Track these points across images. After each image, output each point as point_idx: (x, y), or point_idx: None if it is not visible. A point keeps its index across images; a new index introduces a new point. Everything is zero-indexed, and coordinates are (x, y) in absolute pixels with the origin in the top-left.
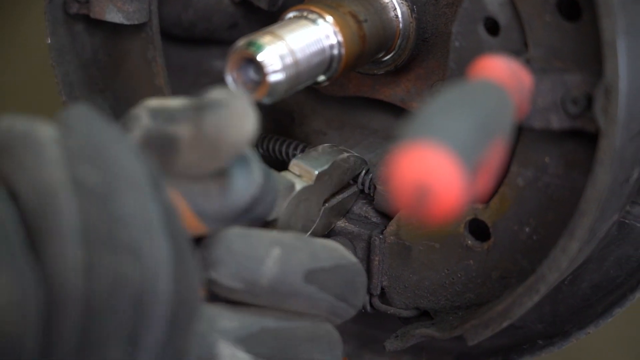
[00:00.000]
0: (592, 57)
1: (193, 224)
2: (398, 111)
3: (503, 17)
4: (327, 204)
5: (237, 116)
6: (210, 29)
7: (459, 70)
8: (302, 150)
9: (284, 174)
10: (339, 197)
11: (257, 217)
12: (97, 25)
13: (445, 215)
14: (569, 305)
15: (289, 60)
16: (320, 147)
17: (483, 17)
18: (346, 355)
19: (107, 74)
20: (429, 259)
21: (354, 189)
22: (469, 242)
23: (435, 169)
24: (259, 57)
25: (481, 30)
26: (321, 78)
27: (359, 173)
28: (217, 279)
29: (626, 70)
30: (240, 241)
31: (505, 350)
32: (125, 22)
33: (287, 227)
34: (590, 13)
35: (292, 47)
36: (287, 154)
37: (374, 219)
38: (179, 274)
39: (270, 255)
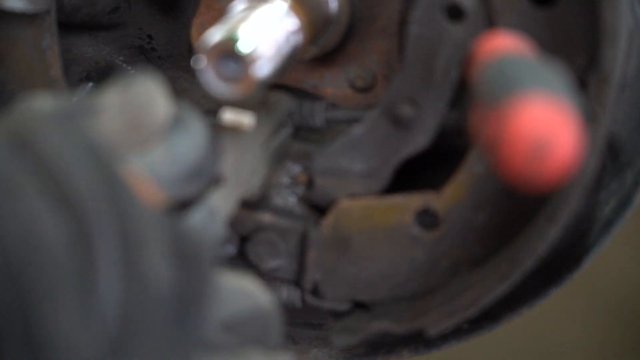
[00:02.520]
0: (567, 44)
1: (156, 195)
2: (297, 96)
3: (469, 2)
4: (268, 148)
5: (162, 92)
6: (93, 14)
7: (416, 58)
8: None
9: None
10: (279, 139)
11: (212, 174)
12: None
13: (562, 171)
14: None
15: (271, 51)
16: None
17: (445, 4)
18: None
19: None
20: (371, 250)
21: (289, 129)
22: (417, 232)
23: (556, 122)
24: (243, 50)
25: (442, 17)
26: None
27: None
28: None
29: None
30: None
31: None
32: (30, 9)
33: (236, 181)
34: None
35: (270, 36)
36: None
37: (299, 212)
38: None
39: None
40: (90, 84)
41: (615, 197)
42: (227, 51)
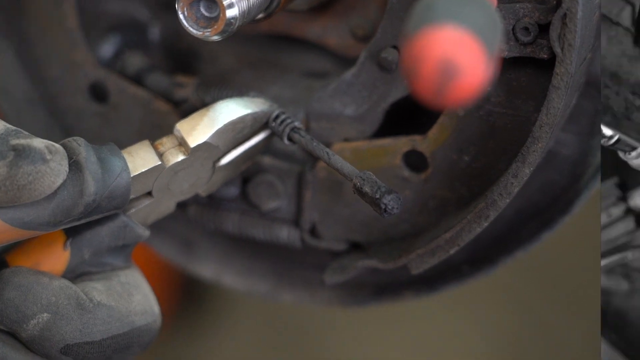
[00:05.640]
0: None
1: (14, 234)
2: (306, 47)
3: None
4: (220, 163)
5: (52, 172)
6: None
7: (399, 4)
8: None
9: (165, 140)
10: (240, 150)
11: (112, 209)
12: None
13: (469, 93)
14: (492, 231)
15: None
16: (214, 106)
17: None
18: (263, 294)
19: (12, 17)
20: None
21: (259, 137)
22: (405, 173)
23: (461, 48)
24: None
25: None
26: (260, 15)
27: (267, 120)
28: None
29: None
30: (14, 291)
31: (428, 278)
32: None
33: (166, 193)
34: None
35: None
36: None
37: (299, 155)
38: None
39: (36, 318)
40: (119, 37)
41: None
42: None
